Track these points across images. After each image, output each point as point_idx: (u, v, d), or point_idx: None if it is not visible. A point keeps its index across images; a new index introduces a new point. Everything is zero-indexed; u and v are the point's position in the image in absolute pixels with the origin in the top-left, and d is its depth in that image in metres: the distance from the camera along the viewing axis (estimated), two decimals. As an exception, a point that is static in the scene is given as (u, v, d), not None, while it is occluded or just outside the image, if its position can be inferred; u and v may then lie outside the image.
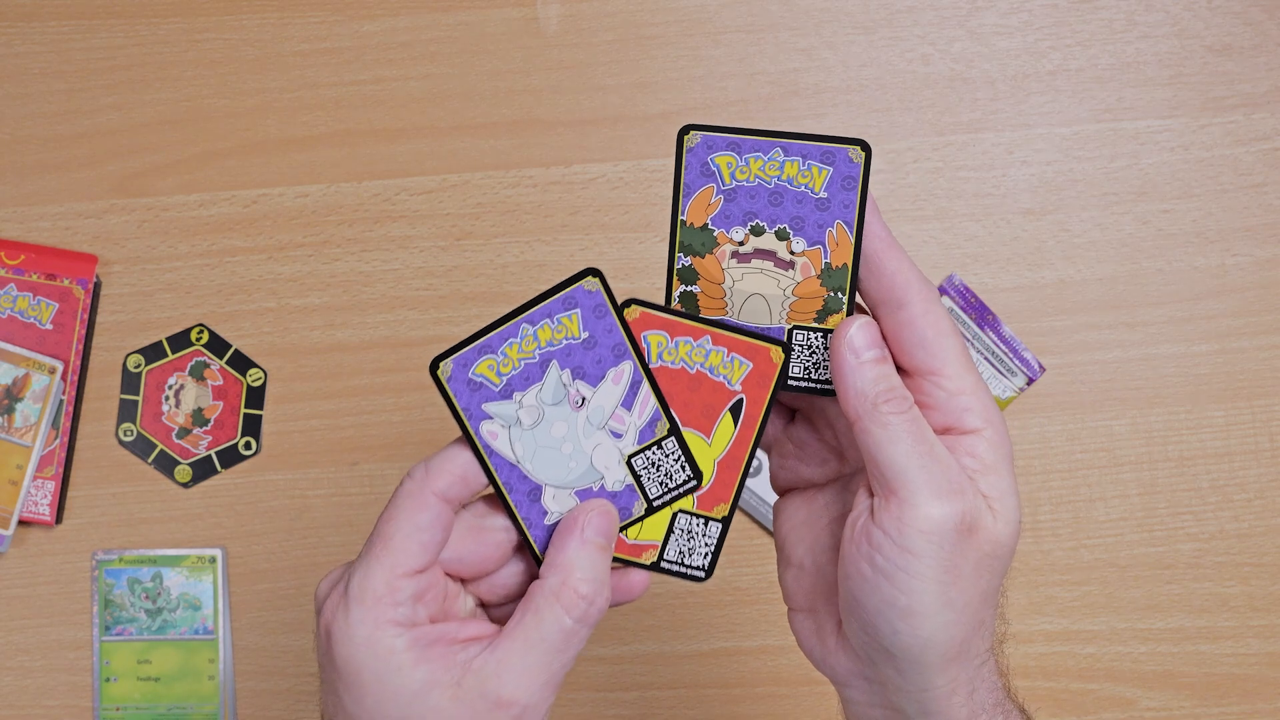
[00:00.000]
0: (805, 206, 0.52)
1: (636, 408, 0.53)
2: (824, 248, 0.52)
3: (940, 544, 0.47)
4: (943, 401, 0.49)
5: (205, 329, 0.82)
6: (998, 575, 0.49)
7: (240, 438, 0.82)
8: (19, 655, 0.81)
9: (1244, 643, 0.80)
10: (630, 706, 0.81)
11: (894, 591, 0.47)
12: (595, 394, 0.52)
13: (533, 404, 0.52)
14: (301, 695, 0.81)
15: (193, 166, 0.82)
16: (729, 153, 0.52)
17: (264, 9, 0.82)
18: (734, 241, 0.52)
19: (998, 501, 0.48)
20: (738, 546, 0.81)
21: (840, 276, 0.52)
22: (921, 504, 0.47)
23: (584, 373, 0.52)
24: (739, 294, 0.52)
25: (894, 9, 0.82)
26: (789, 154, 0.51)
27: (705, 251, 0.52)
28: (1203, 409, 0.81)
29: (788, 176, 0.52)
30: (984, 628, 0.50)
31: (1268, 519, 0.81)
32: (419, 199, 0.82)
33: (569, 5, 0.82)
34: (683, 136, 0.51)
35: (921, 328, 0.49)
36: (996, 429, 0.49)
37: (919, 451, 0.47)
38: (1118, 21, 0.82)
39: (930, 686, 0.49)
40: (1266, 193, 0.81)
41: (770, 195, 0.52)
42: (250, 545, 0.81)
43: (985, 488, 0.48)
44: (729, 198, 0.52)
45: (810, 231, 0.52)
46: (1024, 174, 0.82)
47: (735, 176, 0.52)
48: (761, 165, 0.52)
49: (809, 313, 0.52)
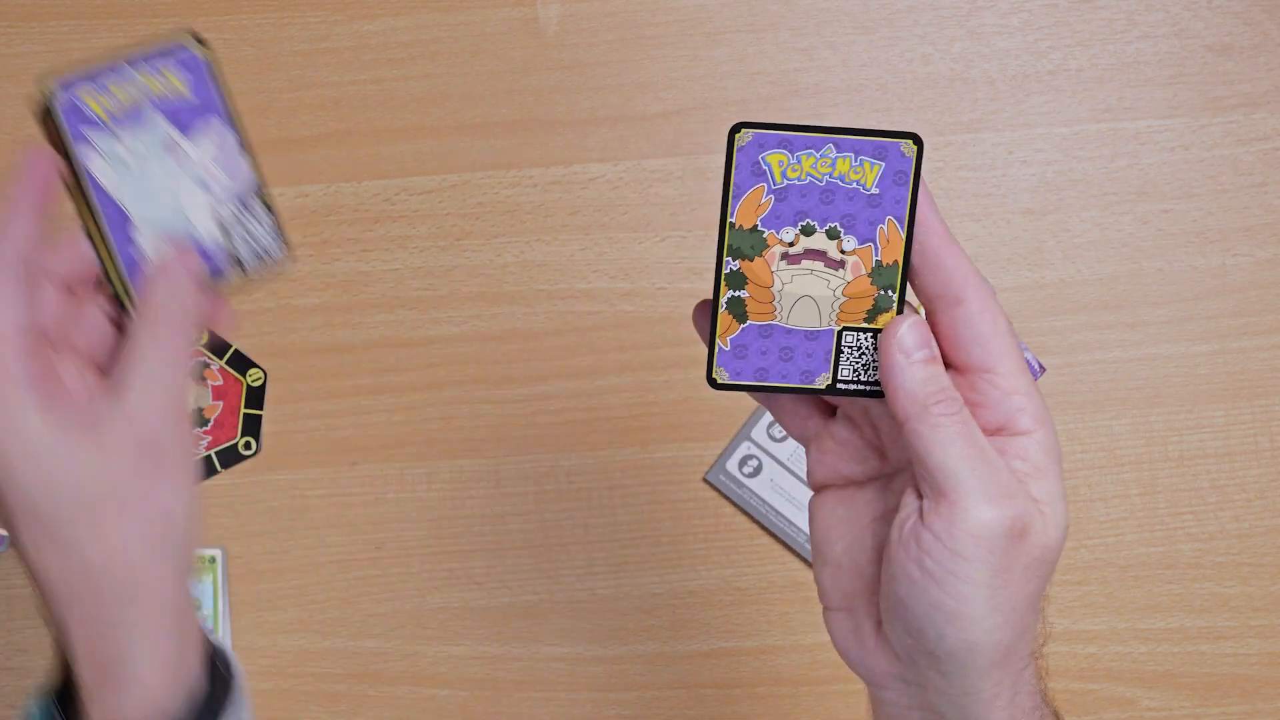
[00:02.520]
0: (856, 203, 0.51)
1: (229, 170, 0.54)
2: (875, 245, 0.51)
3: (991, 548, 0.46)
4: (996, 401, 0.48)
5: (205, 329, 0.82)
6: (1044, 579, 0.49)
7: (240, 438, 0.82)
8: (19, 655, 0.81)
9: (1244, 643, 0.80)
10: (630, 706, 0.81)
11: (942, 595, 0.47)
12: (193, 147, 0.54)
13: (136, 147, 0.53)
14: (302, 695, 0.81)
15: (193, 166, 0.82)
16: (781, 150, 0.50)
17: (264, 9, 0.82)
18: (784, 243, 0.51)
19: (1047, 505, 0.48)
20: (738, 547, 0.81)
21: (890, 274, 0.51)
22: (972, 508, 0.46)
23: (186, 127, 0.54)
24: (788, 297, 0.51)
25: (894, 9, 0.82)
26: (841, 150, 0.50)
27: (755, 254, 0.51)
28: (1203, 409, 0.81)
29: (839, 173, 0.51)
30: (1029, 632, 0.49)
31: (1268, 519, 0.81)
32: (419, 199, 0.82)
33: (569, 5, 0.82)
34: (734, 135, 0.50)
35: (979, 324, 0.49)
36: (1048, 431, 0.49)
37: (970, 454, 0.47)
38: (1118, 21, 0.82)
39: (974, 690, 0.49)
40: (1266, 193, 0.81)
41: (822, 193, 0.51)
42: (250, 545, 0.81)
43: (1036, 491, 0.48)
44: (780, 197, 0.51)
45: (861, 229, 0.51)
46: (1024, 174, 0.82)
47: (787, 175, 0.51)
48: (814, 163, 0.51)
49: (859, 313, 0.51)
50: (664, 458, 0.80)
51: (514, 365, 0.81)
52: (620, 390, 0.81)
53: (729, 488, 0.81)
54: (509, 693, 0.81)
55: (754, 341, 0.52)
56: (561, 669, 0.81)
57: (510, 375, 0.81)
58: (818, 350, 0.52)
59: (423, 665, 0.81)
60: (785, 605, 0.80)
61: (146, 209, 0.53)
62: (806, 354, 0.52)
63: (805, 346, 0.52)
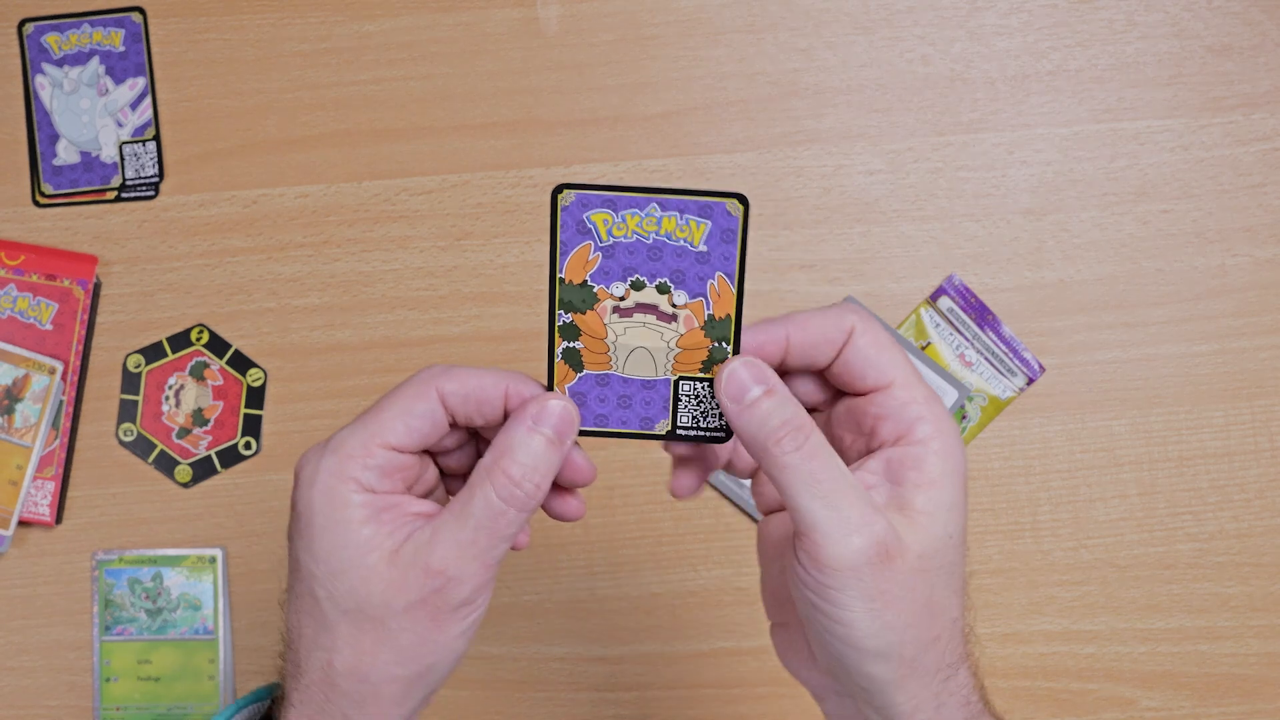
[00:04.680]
0: (685, 260, 0.52)
1: (139, 110, 0.76)
2: (706, 299, 0.52)
3: (856, 575, 0.48)
4: (895, 411, 0.50)
5: (205, 329, 0.82)
6: (939, 587, 0.50)
7: (240, 438, 0.82)
8: (19, 655, 0.81)
9: (1244, 643, 0.80)
10: (630, 706, 0.81)
11: (828, 620, 0.48)
12: (116, 89, 0.75)
13: (74, 78, 0.76)
14: (301, 695, 0.81)
15: (193, 166, 0.82)
16: (604, 210, 0.52)
17: (264, 9, 0.82)
18: (614, 297, 0.52)
19: (927, 516, 0.49)
20: (738, 547, 0.81)
21: (724, 327, 0.52)
22: (828, 544, 0.48)
23: (113, 73, 0.77)
24: (622, 348, 0.53)
25: (894, 9, 0.82)
26: (666, 209, 0.51)
27: (586, 308, 0.52)
28: (1203, 409, 0.81)
29: (666, 231, 0.52)
30: (939, 642, 0.50)
31: (1268, 519, 0.81)
32: (419, 199, 0.82)
33: (569, 5, 0.82)
34: (556, 196, 0.51)
35: (863, 348, 0.51)
36: (947, 439, 0.50)
37: (820, 490, 0.48)
38: (1118, 21, 0.82)
39: (891, 704, 0.50)
40: (1266, 193, 0.81)
41: (649, 250, 0.52)
42: (250, 545, 0.81)
43: (920, 502, 0.49)
44: (607, 254, 0.52)
45: (691, 284, 0.52)
46: (1024, 174, 0.82)
47: (613, 233, 0.52)
48: (639, 221, 0.52)
49: (694, 364, 0.53)
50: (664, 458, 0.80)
51: (514, 365, 0.81)
52: (620, 390, 0.81)
53: (729, 488, 0.81)
54: (509, 693, 0.81)
55: (591, 389, 0.53)
56: (561, 669, 0.81)
57: (510, 375, 0.81)
58: (655, 398, 0.53)
59: (423, 665, 0.81)
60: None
61: (68, 125, 0.76)
62: (644, 402, 0.53)
63: (643, 395, 0.53)
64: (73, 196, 0.82)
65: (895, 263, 0.81)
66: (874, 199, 0.82)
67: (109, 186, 0.81)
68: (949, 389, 0.80)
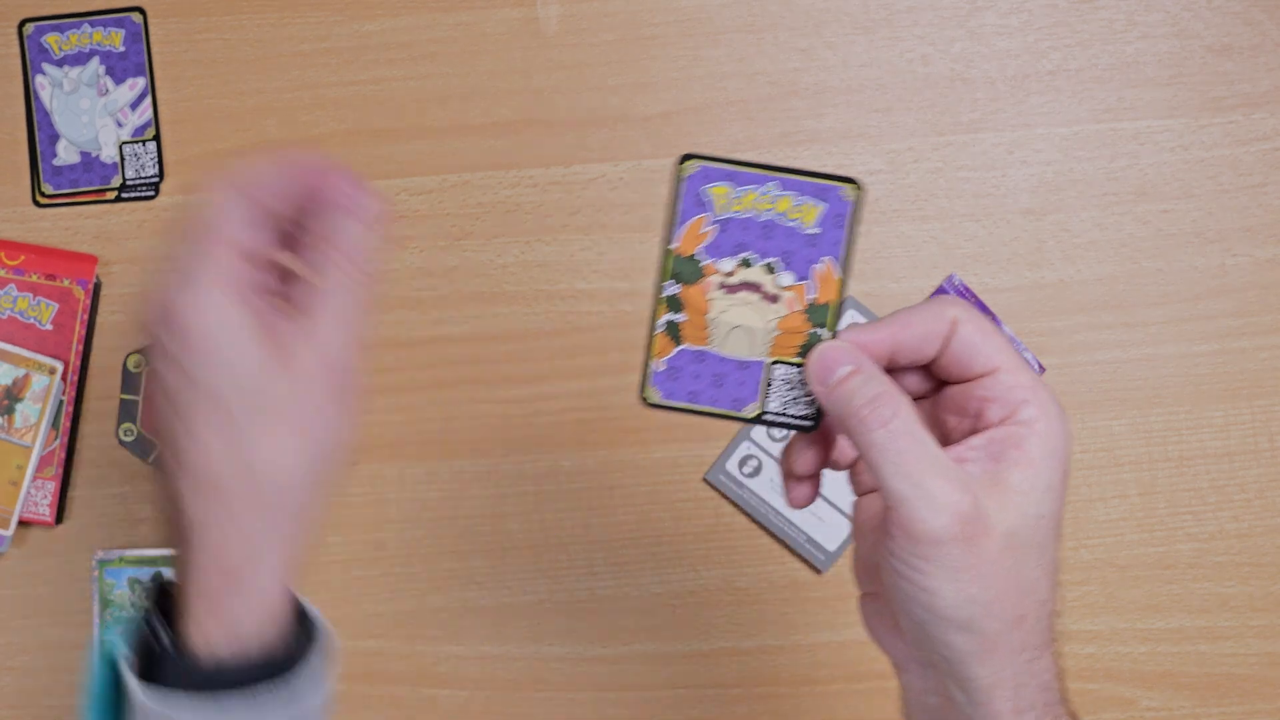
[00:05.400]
0: (795, 241, 0.52)
1: (139, 110, 0.75)
2: (810, 283, 0.52)
3: (940, 549, 0.48)
4: (1002, 394, 0.51)
5: (205, 329, 0.82)
6: (1028, 565, 0.51)
7: (240, 438, 0.81)
8: (19, 655, 0.81)
9: (1244, 643, 0.80)
10: (630, 707, 0.81)
11: (915, 589, 0.49)
12: (116, 89, 0.75)
13: (74, 78, 0.76)
14: (301, 695, 0.81)
15: (193, 166, 0.82)
16: (725, 183, 0.52)
17: (264, 9, 0.82)
18: (722, 272, 0.53)
19: (1020, 494, 0.50)
20: (738, 547, 0.81)
21: (824, 313, 0.52)
22: (914, 519, 0.48)
23: (113, 73, 0.77)
24: (722, 325, 0.53)
25: (894, 9, 0.82)
26: (784, 189, 0.52)
27: (693, 280, 0.53)
28: (1203, 409, 0.81)
29: (780, 211, 0.52)
30: (1025, 622, 0.51)
31: (1268, 519, 0.81)
32: (419, 199, 0.82)
33: (569, 5, 0.82)
34: (681, 165, 0.52)
35: (968, 336, 0.51)
36: (1051, 423, 0.51)
37: (905, 468, 0.49)
38: (1118, 21, 0.82)
39: (972, 677, 0.50)
40: (1266, 193, 0.81)
41: (762, 228, 0.52)
42: (250, 545, 0.81)
43: (1016, 480, 0.50)
44: (721, 228, 0.52)
45: (798, 266, 0.52)
46: (1024, 174, 0.82)
47: (729, 208, 0.52)
48: (755, 198, 0.52)
49: (792, 347, 0.53)
50: (664, 458, 0.80)
51: (514, 365, 0.81)
52: (620, 390, 0.81)
53: (729, 488, 0.81)
54: (509, 693, 0.81)
55: (687, 365, 0.53)
56: (561, 669, 0.81)
57: (510, 375, 0.81)
58: (749, 380, 0.53)
59: (423, 665, 0.81)
60: (785, 605, 0.80)
61: (69, 126, 0.76)
62: (738, 382, 0.53)
63: (737, 375, 0.53)
64: (73, 196, 0.82)
65: (895, 263, 0.81)
66: (874, 199, 0.82)
67: (109, 186, 0.81)
68: (949, 389, 0.80)
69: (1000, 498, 0.50)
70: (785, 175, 0.52)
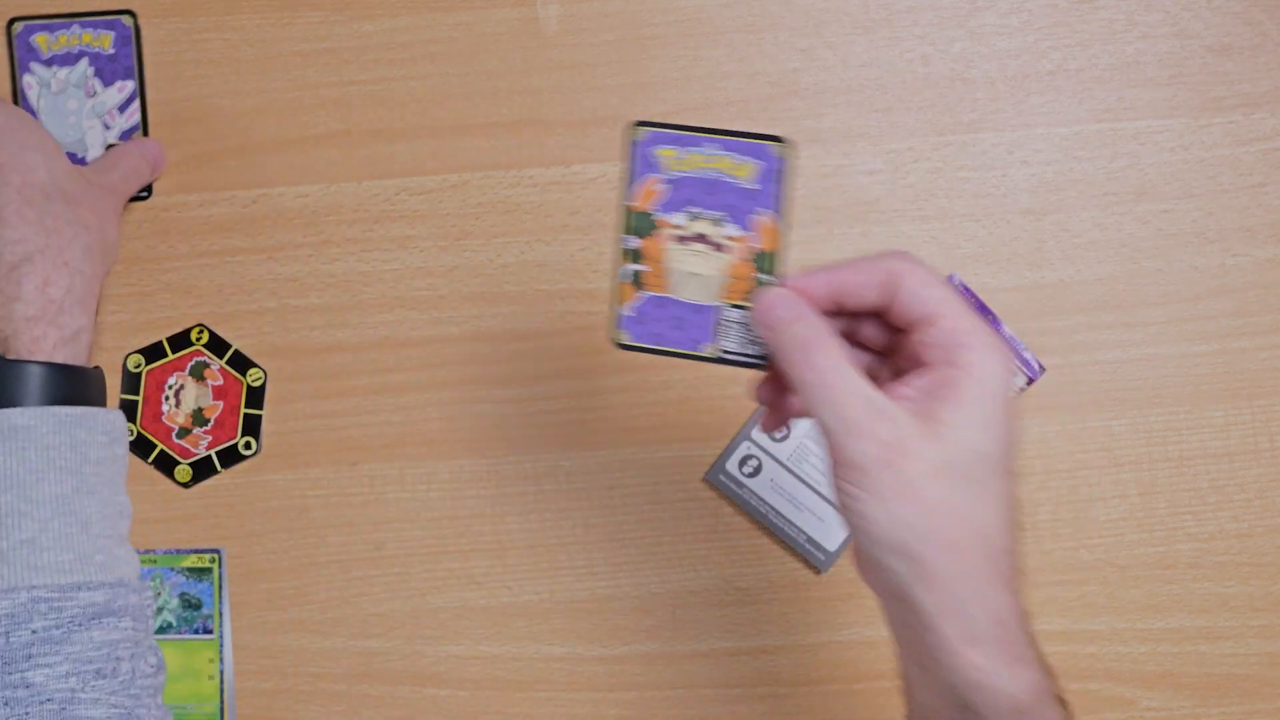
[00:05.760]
0: (736, 196, 0.59)
1: (127, 113, 0.77)
2: (752, 233, 0.59)
3: (869, 478, 0.54)
4: (943, 340, 0.55)
5: (205, 329, 0.82)
6: (964, 500, 0.54)
7: (240, 438, 0.82)
8: (19, 655, 0.81)
9: (1244, 643, 0.80)
10: (630, 707, 0.81)
11: (853, 516, 0.54)
12: (105, 91, 0.77)
13: (62, 79, 0.76)
14: (301, 695, 0.81)
15: (192, 166, 0.82)
16: (672, 146, 0.59)
17: (264, 9, 0.82)
18: (675, 226, 0.60)
19: (949, 428, 0.54)
20: (738, 546, 0.81)
21: (767, 260, 0.59)
22: (841, 449, 0.54)
23: (102, 75, 0.77)
24: (678, 274, 0.60)
25: (894, 9, 0.82)
26: (724, 149, 0.59)
27: (648, 234, 0.60)
28: (1203, 409, 0.81)
29: (721, 169, 0.59)
30: (963, 551, 0.54)
31: (1268, 519, 0.81)
32: (419, 199, 0.82)
33: (569, 5, 0.82)
34: (630, 131, 0.59)
35: (912, 287, 0.56)
36: (988, 366, 0.55)
37: (830, 401, 0.54)
38: (1118, 21, 0.82)
39: (918, 602, 0.54)
40: (1266, 193, 0.81)
41: (708, 185, 0.59)
42: (250, 545, 0.81)
43: (946, 415, 0.54)
44: (671, 186, 0.60)
45: (740, 219, 0.59)
46: (1024, 174, 0.82)
47: (677, 168, 0.59)
48: (700, 159, 0.59)
49: (741, 292, 0.59)
50: (664, 458, 0.80)
51: (514, 365, 0.81)
52: (620, 390, 0.81)
53: (729, 488, 0.81)
54: (509, 693, 0.81)
55: (651, 310, 0.61)
56: (561, 669, 0.81)
57: (510, 375, 0.81)
58: (704, 322, 0.60)
59: (423, 665, 0.81)
60: (785, 605, 0.80)
61: (54, 125, 0.77)
62: (696, 325, 0.60)
63: (694, 318, 0.60)
64: None
65: (895, 263, 0.81)
66: (874, 199, 0.82)
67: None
68: (949, 389, 0.80)
69: (930, 429, 0.54)
70: (723, 137, 0.59)
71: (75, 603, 0.63)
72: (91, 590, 0.64)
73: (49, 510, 0.64)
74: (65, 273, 0.68)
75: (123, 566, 0.67)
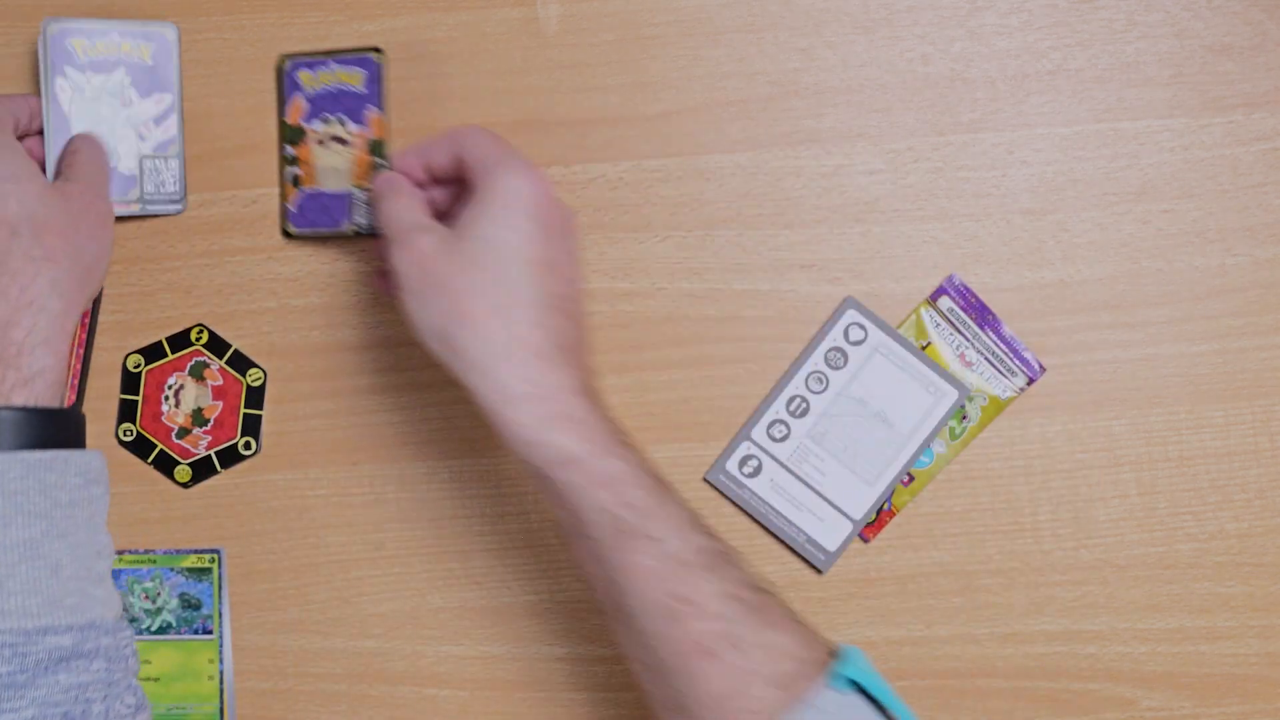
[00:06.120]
0: (352, 100, 0.77)
1: (163, 126, 0.79)
2: (367, 128, 0.77)
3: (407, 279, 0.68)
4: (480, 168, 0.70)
5: (205, 329, 0.82)
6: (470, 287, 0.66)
7: (240, 438, 0.82)
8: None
9: (1244, 643, 0.80)
10: (630, 707, 0.81)
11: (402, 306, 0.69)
12: (141, 102, 0.78)
13: (97, 86, 0.77)
14: (301, 695, 0.81)
15: (192, 166, 0.82)
16: (306, 70, 0.78)
17: (264, 9, 0.82)
18: (316, 132, 0.78)
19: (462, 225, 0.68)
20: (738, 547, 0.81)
21: (380, 148, 0.77)
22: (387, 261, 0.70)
23: (139, 86, 0.78)
24: (322, 170, 0.78)
25: (894, 9, 0.82)
26: (341, 64, 0.77)
27: (299, 141, 0.78)
28: (1203, 409, 0.81)
29: (342, 80, 0.77)
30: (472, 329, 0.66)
31: (1268, 519, 0.81)
32: (419, 199, 0.82)
33: (569, 5, 0.82)
34: (281, 64, 0.79)
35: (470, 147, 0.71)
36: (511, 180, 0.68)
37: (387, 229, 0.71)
38: (1118, 21, 0.82)
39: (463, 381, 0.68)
40: (1266, 193, 0.81)
41: (335, 95, 0.78)
42: (250, 545, 0.81)
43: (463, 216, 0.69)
44: (310, 101, 0.78)
45: (358, 117, 0.77)
46: (1024, 174, 0.82)
47: (313, 86, 0.78)
48: (328, 76, 0.77)
49: (367, 176, 0.77)
50: (664, 458, 0.80)
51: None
52: (620, 390, 0.81)
53: (729, 488, 0.81)
54: (509, 693, 0.81)
55: (308, 203, 0.78)
56: (561, 669, 0.81)
57: (510, 375, 0.81)
58: (343, 205, 0.78)
59: (423, 665, 0.81)
60: (785, 605, 0.80)
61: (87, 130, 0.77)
62: (337, 209, 0.78)
63: (336, 204, 0.78)
64: None
65: (895, 263, 0.81)
66: (874, 199, 0.82)
67: (127, 199, 0.79)
68: (949, 389, 0.80)
69: (457, 233, 0.68)
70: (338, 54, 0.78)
71: (40, 647, 0.63)
72: (59, 634, 0.64)
73: (16, 555, 0.64)
74: (29, 313, 0.67)
75: (96, 608, 0.66)
